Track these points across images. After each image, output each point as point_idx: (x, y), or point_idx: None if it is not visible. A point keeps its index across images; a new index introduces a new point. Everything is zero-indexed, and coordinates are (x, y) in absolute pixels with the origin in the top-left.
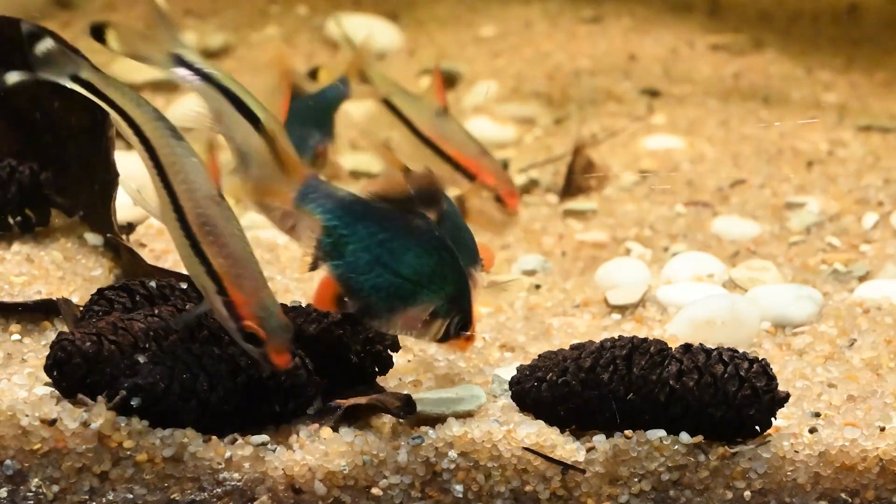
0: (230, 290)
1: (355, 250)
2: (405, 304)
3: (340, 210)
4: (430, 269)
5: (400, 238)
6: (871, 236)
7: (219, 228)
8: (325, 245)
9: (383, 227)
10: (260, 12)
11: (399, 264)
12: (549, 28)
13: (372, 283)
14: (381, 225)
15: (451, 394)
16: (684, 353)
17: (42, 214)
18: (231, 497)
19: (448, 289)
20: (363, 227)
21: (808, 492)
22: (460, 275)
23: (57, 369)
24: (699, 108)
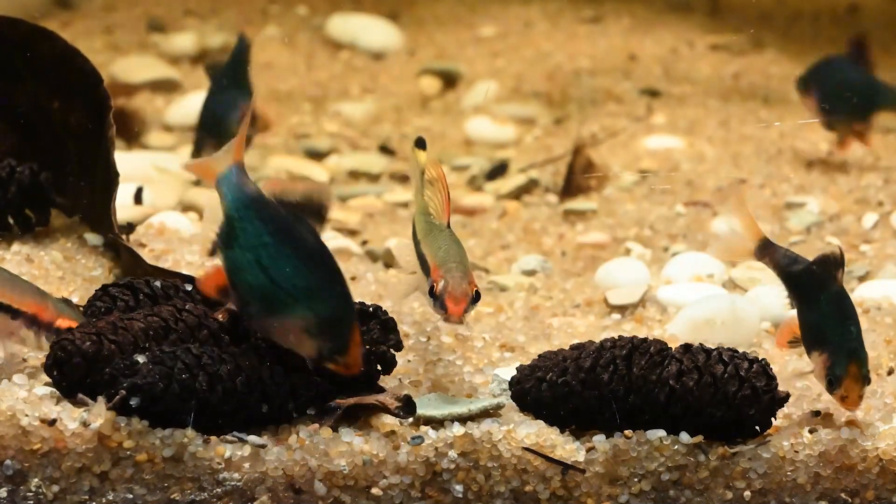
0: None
1: (242, 245)
2: (278, 313)
3: (241, 203)
4: (306, 285)
5: (284, 245)
6: (871, 236)
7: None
8: (222, 233)
9: (272, 230)
10: (260, 12)
11: (276, 271)
12: (549, 28)
13: (249, 282)
14: (271, 227)
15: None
16: (684, 353)
17: (42, 214)
18: (231, 497)
19: (321, 310)
20: (254, 225)
21: (808, 492)
22: (341, 300)
23: (57, 369)
24: (699, 108)
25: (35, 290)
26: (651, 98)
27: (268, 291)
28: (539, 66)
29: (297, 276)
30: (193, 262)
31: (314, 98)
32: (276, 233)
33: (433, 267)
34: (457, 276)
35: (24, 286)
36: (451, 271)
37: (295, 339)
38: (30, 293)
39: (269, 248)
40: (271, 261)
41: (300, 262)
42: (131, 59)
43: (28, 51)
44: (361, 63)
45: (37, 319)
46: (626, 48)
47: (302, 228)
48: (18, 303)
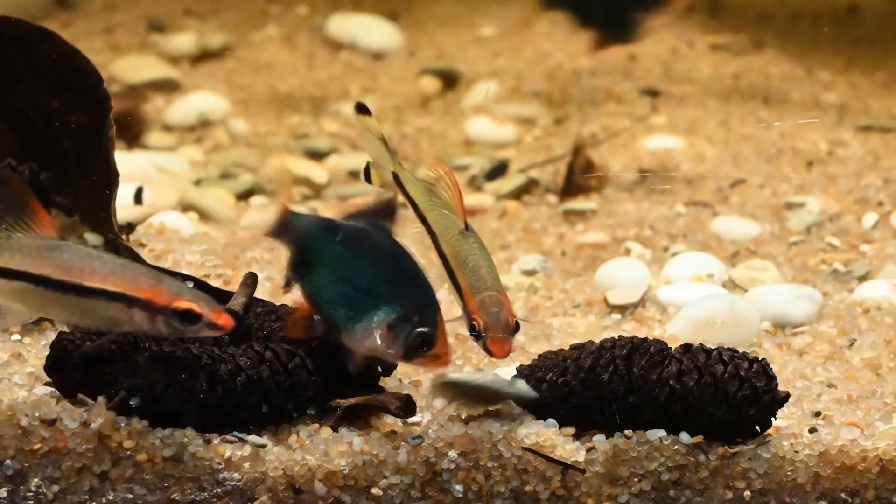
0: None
1: (319, 267)
2: (365, 319)
3: (306, 230)
4: (386, 282)
5: (359, 253)
6: (871, 236)
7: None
8: (293, 265)
9: (345, 243)
10: (260, 12)
11: (357, 278)
12: (549, 28)
13: (332, 297)
14: (343, 241)
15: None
16: (684, 353)
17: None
18: (231, 497)
19: (404, 302)
20: (327, 246)
21: (808, 492)
22: (422, 290)
23: (57, 369)
24: (699, 108)
25: (149, 273)
26: (651, 98)
27: (352, 300)
28: (539, 66)
29: (377, 278)
30: (193, 261)
31: (314, 98)
32: (349, 244)
33: (466, 295)
34: (494, 311)
35: (137, 271)
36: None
37: (384, 341)
38: (143, 278)
39: (346, 259)
40: (350, 271)
41: (378, 265)
42: (131, 59)
43: (28, 51)
44: (361, 63)
45: (151, 305)
46: (625, 48)
47: (374, 233)
48: (132, 290)
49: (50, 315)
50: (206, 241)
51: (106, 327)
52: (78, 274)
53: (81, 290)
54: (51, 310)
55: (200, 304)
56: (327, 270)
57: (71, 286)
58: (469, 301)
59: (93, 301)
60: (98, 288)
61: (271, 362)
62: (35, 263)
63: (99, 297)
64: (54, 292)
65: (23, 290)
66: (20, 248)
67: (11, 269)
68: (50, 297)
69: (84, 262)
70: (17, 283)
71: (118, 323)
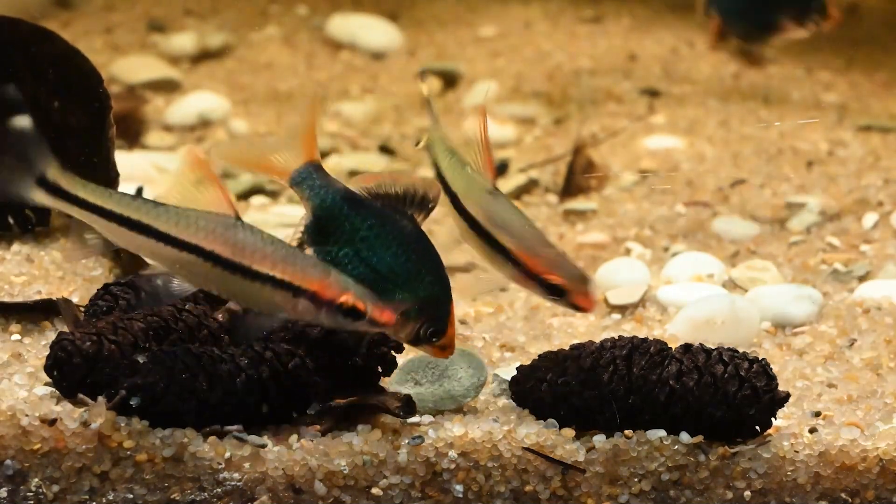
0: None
1: (339, 241)
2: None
3: (331, 200)
4: (406, 271)
5: (382, 236)
6: (871, 236)
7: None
8: (311, 231)
9: (369, 223)
10: (260, 12)
11: (377, 261)
12: (549, 28)
13: (349, 275)
14: (367, 221)
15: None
16: (684, 353)
17: (42, 214)
18: (231, 497)
19: (422, 293)
20: (349, 221)
21: (808, 492)
22: (440, 283)
23: (57, 369)
24: (699, 108)
25: (318, 265)
26: (651, 98)
27: (369, 281)
28: (539, 66)
29: (397, 263)
30: None
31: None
32: (373, 225)
33: (525, 258)
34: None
35: (307, 261)
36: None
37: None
38: (313, 269)
39: (368, 241)
40: (371, 252)
41: (399, 251)
42: (131, 59)
43: (28, 51)
44: (361, 63)
45: (318, 297)
46: (626, 48)
47: (399, 218)
48: (301, 280)
49: (211, 290)
50: None
51: (266, 311)
52: (249, 256)
53: (249, 272)
54: (214, 286)
55: (365, 301)
56: (348, 248)
57: (239, 267)
58: (531, 262)
59: (259, 285)
60: (266, 273)
61: (271, 362)
62: (208, 238)
63: (266, 282)
64: (222, 270)
65: (190, 262)
66: (195, 220)
67: (183, 239)
68: (216, 273)
69: (256, 245)
70: (186, 254)
71: (281, 309)
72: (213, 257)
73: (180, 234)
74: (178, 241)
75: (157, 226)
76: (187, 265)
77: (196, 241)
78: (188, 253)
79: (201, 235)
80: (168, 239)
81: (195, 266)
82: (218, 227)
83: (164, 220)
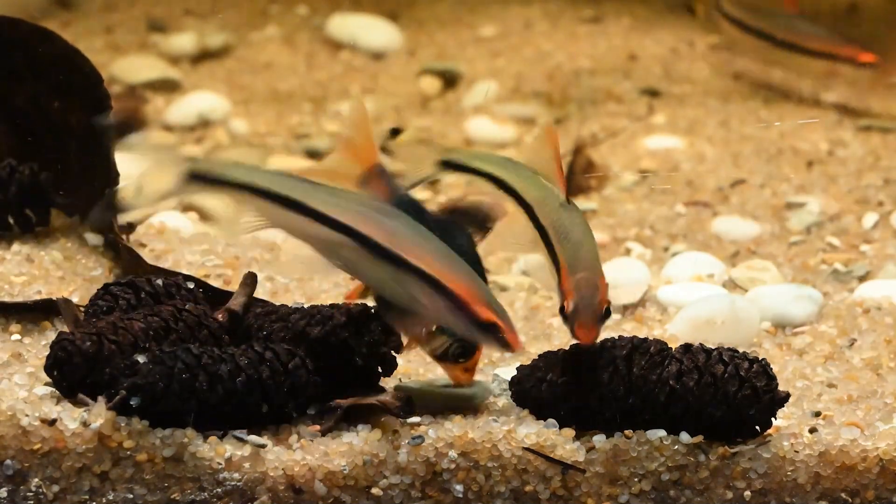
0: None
1: None
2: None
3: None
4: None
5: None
6: (871, 236)
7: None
8: None
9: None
10: (260, 12)
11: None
12: (549, 28)
13: None
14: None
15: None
16: (684, 353)
17: (42, 214)
18: (231, 497)
19: None
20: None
21: (809, 492)
22: None
23: (57, 369)
24: (699, 108)
25: (468, 271)
26: (651, 98)
27: None
28: (539, 66)
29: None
30: (193, 261)
31: (314, 98)
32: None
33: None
34: (587, 296)
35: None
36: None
37: (428, 334)
38: (463, 274)
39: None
40: None
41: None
42: (131, 59)
43: (28, 51)
44: (361, 63)
45: (462, 304)
46: (626, 48)
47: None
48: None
49: (356, 276)
50: (206, 241)
51: (404, 304)
52: (401, 245)
53: (400, 261)
54: (361, 272)
55: (503, 320)
56: None
57: (390, 255)
58: (565, 280)
59: (406, 276)
60: (417, 266)
61: (271, 362)
62: (362, 221)
63: (415, 275)
64: (373, 255)
65: (341, 243)
66: (351, 202)
67: (337, 220)
68: (366, 258)
69: (411, 236)
70: (337, 235)
71: (422, 306)
72: (366, 241)
73: (334, 213)
74: (332, 222)
75: (311, 204)
76: (339, 248)
77: (350, 222)
78: (341, 234)
79: (356, 218)
80: (322, 218)
81: (347, 250)
82: (373, 210)
83: (317, 200)
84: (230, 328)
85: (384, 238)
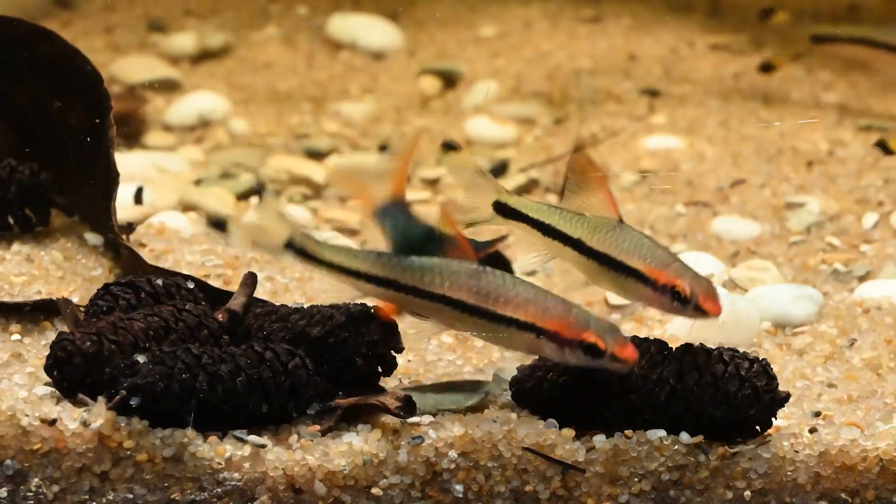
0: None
1: None
2: None
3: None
4: None
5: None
6: (871, 236)
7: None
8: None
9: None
10: (260, 12)
11: None
12: (549, 28)
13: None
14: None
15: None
16: (684, 352)
17: (42, 214)
18: (231, 497)
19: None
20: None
21: (809, 492)
22: None
23: (57, 369)
24: (699, 108)
25: (560, 303)
26: (651, 98)
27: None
28: (539, 66)
29: None
30: (193, 261)
31: (314, 98)
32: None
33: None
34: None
35: (550, 301)
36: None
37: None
38: (554, 308)
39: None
40: None
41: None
42: (131, 59)
43: (28, 51)
44: (361, 63)
45: (559, 337)
46: (626, 48)
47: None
48: (542, 321)
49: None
50: (206, 241)
51: (524, 352)
52: (493, 301)
53: (495, 316)
54: (466, 328)
55: (605, 339)
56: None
57: (484, 312)
58: (660, 275)
59: (505, 327)
60: (510, 316)
61: (271, 362)
62: (453, 287)
63: (510, 324)
64: (469, 315)
65: (438, 309)
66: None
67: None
68: (465, 318)
69: (500, 289)
70: (431, 302)
71: (531, 349)
72: (459, 304)
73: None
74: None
75: (404, 280)
76: (437, 312)
77: (441, 290)
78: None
79: (446, 285)
80: (417, 292)
81: (446, 314)
82: (462, 275)
83: (409, 275)
84: (230, 328)
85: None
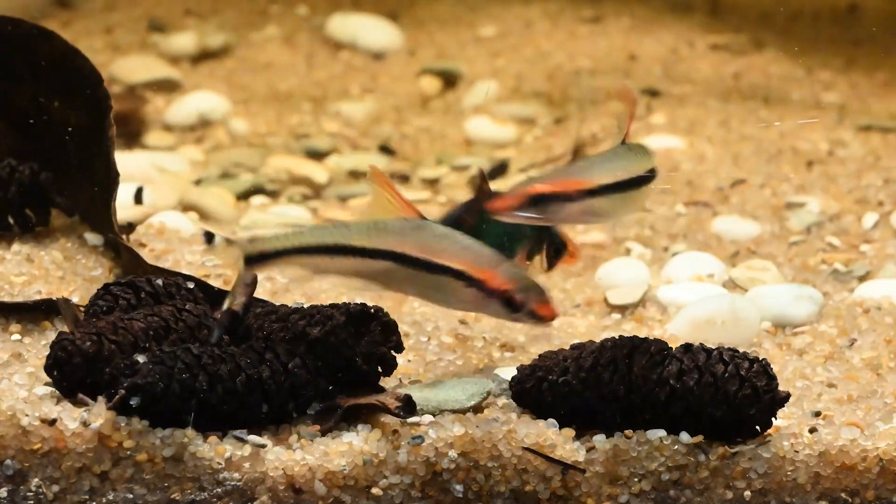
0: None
1: None
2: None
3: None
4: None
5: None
6: (871, 236)
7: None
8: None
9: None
10: (260, 12)
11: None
12: (549, 28)
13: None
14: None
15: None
16: (684, 352)
17: (42, 214)
18: (231, 497)
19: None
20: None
21: (809, 492)
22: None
23: (57, 369)
24: (699, 108)
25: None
26: (651, 98)
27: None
28: (539, 66)
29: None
30: (193, 261)
31: (314, 98)
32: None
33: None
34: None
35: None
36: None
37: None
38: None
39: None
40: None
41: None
42: (131, 59)
43: (28, 51)
44: (361, 63)
45: (484, 286)
46: (626, 48)
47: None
48: (472, 269)
49: (406, 293)
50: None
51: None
52: (430, 251)
53: (430, 266)
54: (407, 287)
55: (527, 294)
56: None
57: (424, 263)
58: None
59: (439, 277)
60: (445, 265)
61: (271, 362)
62: (399, 243)
63: (445, 273)
64: (413, 270)
65: (388, 269)
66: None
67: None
68: (409, 274)
69: (438, 241)
70: (382, 262)
71: (462, 302)
72: (405, 259)
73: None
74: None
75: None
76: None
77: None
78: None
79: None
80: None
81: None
82: (406, 230)
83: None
84: (230, 328)
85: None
